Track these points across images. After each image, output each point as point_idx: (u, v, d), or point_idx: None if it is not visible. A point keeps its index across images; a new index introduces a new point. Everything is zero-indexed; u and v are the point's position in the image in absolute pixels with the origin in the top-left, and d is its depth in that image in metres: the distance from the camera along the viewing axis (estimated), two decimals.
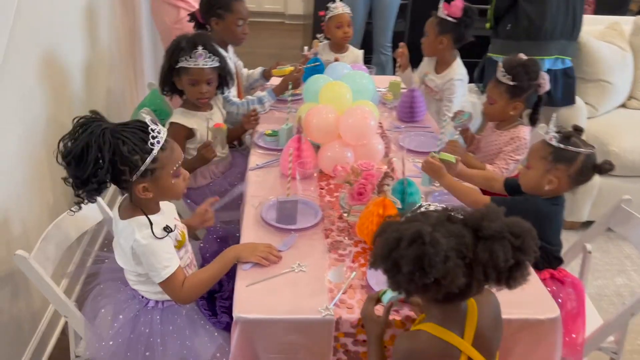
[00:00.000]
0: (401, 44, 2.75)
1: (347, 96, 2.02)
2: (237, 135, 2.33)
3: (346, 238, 1.65)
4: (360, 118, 1.91)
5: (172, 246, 1.46)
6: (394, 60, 3.01)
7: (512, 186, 1.80)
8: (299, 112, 2.09)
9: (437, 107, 2.78)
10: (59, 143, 1.33)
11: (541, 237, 1.64)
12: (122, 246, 1.47)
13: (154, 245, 1.41)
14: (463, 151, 2.15)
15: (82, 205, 1.43)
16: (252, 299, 1.40)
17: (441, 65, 2.70)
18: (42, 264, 1.51)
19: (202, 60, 2.04)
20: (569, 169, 1.62)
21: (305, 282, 1.47)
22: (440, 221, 1.00)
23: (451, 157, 1.83)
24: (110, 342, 1.47)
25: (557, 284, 1.71)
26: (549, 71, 2.67)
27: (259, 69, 2.83)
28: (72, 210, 1.46)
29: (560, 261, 1.76)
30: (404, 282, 1.01)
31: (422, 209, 1.11)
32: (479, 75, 3.18)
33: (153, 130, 1.35)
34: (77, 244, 2.26)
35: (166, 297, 1.53)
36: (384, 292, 1.31)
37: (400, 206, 1.58)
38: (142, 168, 1.34)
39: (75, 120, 1.35)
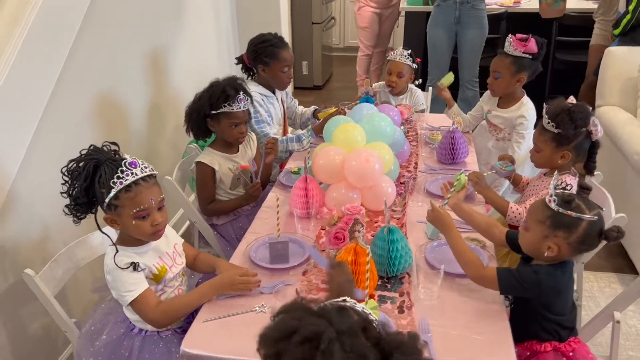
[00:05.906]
0: (437, 84, 2.74)
1: (359, 138, 2.00)
2: (268, 173, 2.40)
3: (321, 283, 1.63)
4: (363, 161, 1.88)
5: (139, 276, 1.56)
6: (481, 96, 2.97)
7: (514, 240, 1.63)
8: (313, 152, 2.11)
9: (497, 144, 2.65)
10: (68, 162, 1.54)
11: (549, 310, 1.51)
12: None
13: (119, 270, 1.53)
14: (484, 185, 2.03)
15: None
16: (203, 334, 1.45)
17: (508, 102, 2.60)
18: (49, 282, 1.71)
19: (242, 104, 2.18)
20: (570, 236, 1.44)
21: (261, 324, 1.46)
22: (352, 330, 0.82)
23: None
24: (91, 359, 1.61)
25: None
26: None
27: (312, 108, 2.91)
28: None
29: (570, 331, 1.55)
30: None
31: (348, 304, 0.91)
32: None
33: (122, 172, 1.48)
34: None
35: (149, 325, 1.62)
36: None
37: (369, 251, 1.51)
38: (105, 201, 1.50)
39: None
